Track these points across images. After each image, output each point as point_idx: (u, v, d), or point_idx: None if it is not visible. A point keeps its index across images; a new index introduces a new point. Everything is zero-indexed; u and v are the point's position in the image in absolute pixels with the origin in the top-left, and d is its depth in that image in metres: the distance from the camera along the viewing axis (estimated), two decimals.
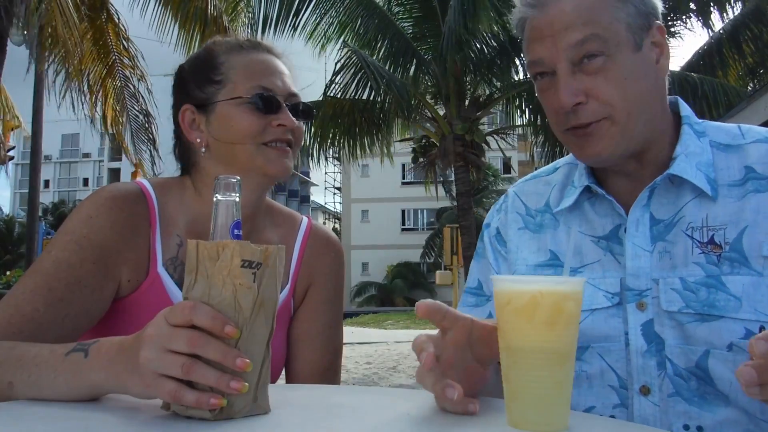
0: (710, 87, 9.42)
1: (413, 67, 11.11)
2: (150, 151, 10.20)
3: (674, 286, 1.05)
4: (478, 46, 10.69)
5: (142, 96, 9.33)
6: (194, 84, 1.29)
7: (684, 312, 1.04)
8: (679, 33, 11.10)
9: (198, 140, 1.28)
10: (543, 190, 1.28)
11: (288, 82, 1.30)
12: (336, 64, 10.48)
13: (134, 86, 9.35)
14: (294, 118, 1.27)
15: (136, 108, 9.60)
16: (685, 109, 1.17)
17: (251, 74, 1.27)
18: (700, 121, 1.17)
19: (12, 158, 11.31)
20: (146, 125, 9.72)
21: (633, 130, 1.07)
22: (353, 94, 10.57)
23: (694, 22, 10.78)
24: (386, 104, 10.69)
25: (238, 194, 0.88)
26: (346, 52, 10.40)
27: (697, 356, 1.02)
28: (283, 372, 1.42)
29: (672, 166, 1.08)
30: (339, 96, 10.76)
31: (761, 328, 0.98)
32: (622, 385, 1.09)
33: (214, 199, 0.87)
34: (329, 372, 1.40)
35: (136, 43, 9.28)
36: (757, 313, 0.99)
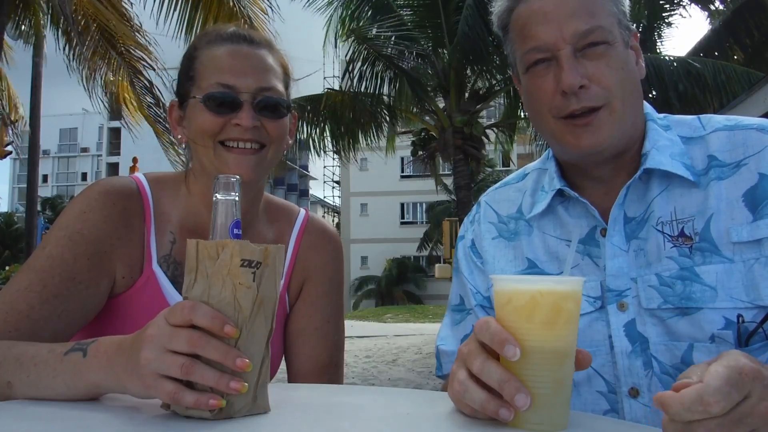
0: (711, 73, 9.39)
1: (412, 59, 11.13)
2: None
3: (651, 283, 1.06)
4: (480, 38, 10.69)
5: (156, 87, 9.24)
6: (180, 78, 1.29)
7: (663, 308, 1.04)
8: (675, 23, 11.15)
9: (179, 136, 1.28)
10: (514, 196, 1.28)
11: (260, 77, 1.22)
12: (346, 55, 10.54)
13: (147, 79, 9.26)
14: (251, 117, 1.19)
15: (150, 100, 9.52)
16: (646, 106, 1.18)
17: (214, 70, 1.22)
18: (662, 115, 1.18)
19: (10, 153, 11.28)
20: (162, 117, 9.64)
21: (626, 121, 1.08)
22: (366, 86, 10.62)
23: (692, 10, 10.85)
24: (396, 92, 10.73)
25: (237, 193, 0.87)
26: (353, 42, 10.43)
27: (681, 351, 1.02)
28: (285, 370, 1.41)
29: (646, 161, 1.09)
30: (352, 89, 10.78)
31: (739, 317, 0.99)
32: (610, 390, 1.09)
33: (214, 198, 0.86)
34: (331, 367, 1.39)
35: (154, 38, 9.21)
36: (733, 300, 1.00)
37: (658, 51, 11.19)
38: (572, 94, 1.05)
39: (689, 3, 10.86)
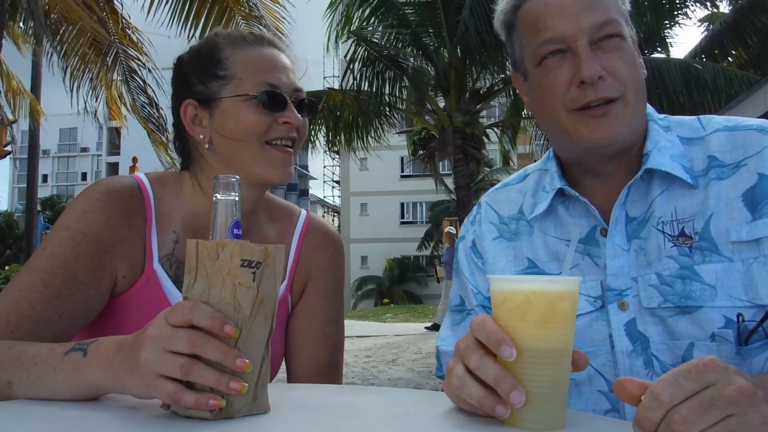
0: (712, 75, 9.39)
1: (412, 58, 11.13)
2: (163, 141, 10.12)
3: (651, 282, 1.06)
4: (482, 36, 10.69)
5: (151, 87, 9.22)
6: (197, 78, 1.27)
7: (664, 307, 1.05)
8: (682, 23, 11.16)
9: (201, 136, 1.26)
10: (515, 197, 1.29)
11: (292, 78, 1.28)
12: (346, 55, 10.56)
13: (142, 78, 9.24)
14: (299, 115, 1.25)
15: (144, 99, 9.50)
16: (647, 107, 1.18)
17: (257, 70, 1.24)
18: (662, 116, 1.19)
19: (10, 153, 11.27)
20: (154, 115, 9.61)
21: (638, 115, 1.09)
22: (365, 86, 10.65)
23: (698, 11, 10.86)
24: (397, 91, 10.76)
25: (237, 193, 0.87)
26: (353, 43, 10.45)
27: (682, 350, 1.03)
28: (285, 370, 1.41)
29: (648, 161, 1.09)
30: (351, 89, 10.80)
31: (739, 316, 0.99)
32: (611, 389, 1.09)
33: (214, 198, 0.86)
34: (330, 368, 1.39)
35: (147, 37, 9.19)
36: (732, 299, 1.00)
37: (671, 47, 11.21)
38: (590, 84, 1.06)
39: (694, 2, 10.87)
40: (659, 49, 10.88)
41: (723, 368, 0.67)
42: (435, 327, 13.19)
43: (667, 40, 11.44)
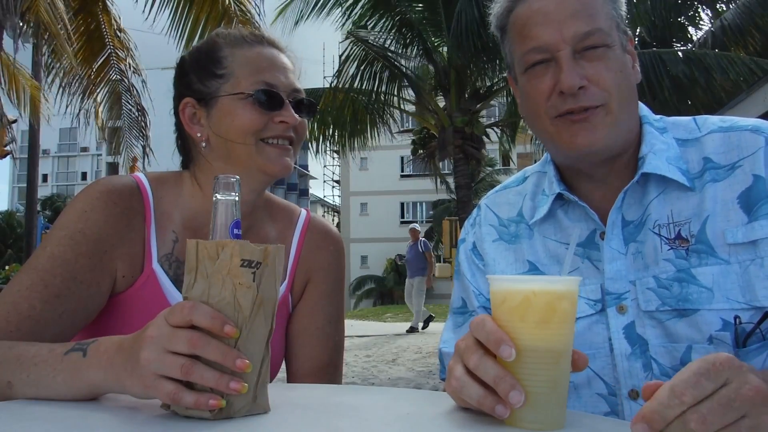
0: (717, 64, 9.37)
1: (413, 58, 11.13)
2: (142, 146, 10.13)
3: (649, 285, 1.06)
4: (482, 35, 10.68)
5: (137, 90, 9.24)
6: (196, 77, 1.28)
7: (662, 310, 1.05)
8: (685, 25, 11.15)
9: (199, 135, 1.27)
10: (514, 200, 1.28)
11: (291, 78, 1.29)
12: (341, 56, 10.57)
13: (128, 80, 9.27)
14: (296, 115, 1.25)
15: (130, 102, 9.51)
16: (642, 108, 1.18)
17: (254, 69, 1.25)
18: (658, 117, 1.19)
19: (9, 152, 11.25)
20: (140, 119, 9.64)
21: (623, 123, 1.08)
22: (360, 85, 10.65)
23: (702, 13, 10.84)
24: (396, 90, 10.77)
25: (237, 193, 0.87)
26: (350, 43, 10.45)
27: (680, 353, 1.03)
28: (284, 370, 1.41)
29: (644, 165, 1.09)
30: (346, 86, 10.81)
31: (736, 318, 0.99)
32: (610, 392, 1.09)
33: (214, 198, 0.86)
34: (330, 368, 1.39)
35: (131, 36, 9.20)
36: (730, 302, 1.00)
37: (691, 36, 11.14)
38: (570, 94, 1.05)
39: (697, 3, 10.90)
40: (676, 46, 10.84)
41: (738, 366, 0.67)
42: (413, 330, 13.26)
43: (689, 34, 11.41)
